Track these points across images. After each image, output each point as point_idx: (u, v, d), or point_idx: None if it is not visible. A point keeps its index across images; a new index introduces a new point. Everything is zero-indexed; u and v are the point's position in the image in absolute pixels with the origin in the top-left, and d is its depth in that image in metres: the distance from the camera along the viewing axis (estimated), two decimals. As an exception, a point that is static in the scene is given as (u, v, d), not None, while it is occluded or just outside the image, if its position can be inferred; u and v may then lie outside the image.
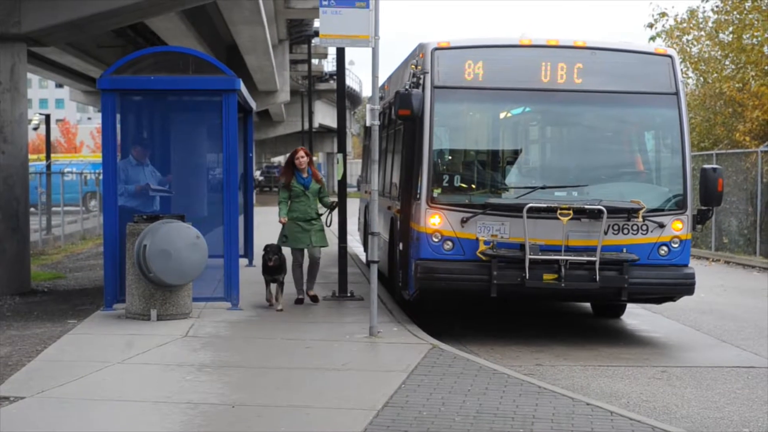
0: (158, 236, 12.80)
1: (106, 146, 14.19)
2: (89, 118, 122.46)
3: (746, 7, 31.66)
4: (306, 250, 14.75)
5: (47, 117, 38.76)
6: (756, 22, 30.71)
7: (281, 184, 14.82)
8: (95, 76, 30.75)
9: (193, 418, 8.25)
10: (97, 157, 40.83)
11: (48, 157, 36.98)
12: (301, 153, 14.69)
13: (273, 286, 14.53)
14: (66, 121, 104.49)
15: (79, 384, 9.56)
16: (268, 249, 14.24)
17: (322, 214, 15.01)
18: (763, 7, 30.95)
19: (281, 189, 14.75)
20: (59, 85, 78.78)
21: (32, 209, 22.15)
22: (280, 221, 14.59)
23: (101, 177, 16.59)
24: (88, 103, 53.13)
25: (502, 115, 14.36)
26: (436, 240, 12.92)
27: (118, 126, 14.53)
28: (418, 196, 13.25)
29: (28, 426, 8.07)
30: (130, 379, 9.85)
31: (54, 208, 31.29)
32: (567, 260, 12.56)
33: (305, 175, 14.61)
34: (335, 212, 15.64)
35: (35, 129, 42.57)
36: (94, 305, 14.87)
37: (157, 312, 13.02)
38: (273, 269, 14.27)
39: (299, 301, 14.79)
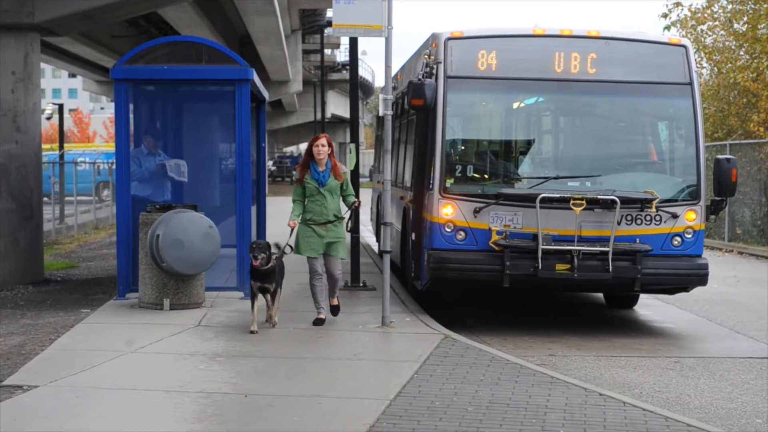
0: (171, 226, 12.81)
1: (119, 136, 14.22)
2: (102, 108, 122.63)
3: (761, -4, 31.51)
4: (326, 263, 12.27)
5: (60, 107, 38.79)
6: (771, 12, 30.57)
7: (294, 178, 12.86)
8: (108, 66, 30.78)
9: (205, 407, 8.27)
10: (110, 147, 40.94)
11: (61, 147, 37.00)
12: (322, 141, 12.21)
13: (264, 299, 12.07)
14: (79, 111, 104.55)
15: (92, 373, 9.59)
16: (254, 246, 11.77)
17: (339, 217, 12.34)
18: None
19: (295, 185, 12.45)
20: (72, 75, 78.94)
21: (45, 199, 22.23)
22: (288, 225, 12.25)
23: (114, 167, 16.60)
24: (101, 93, 53.20)
25: (515, 105, 14.32)
26: (448, 230, 12.91)
27: (131, 116, 14.56)
28: (430, 186, 13.23)
29: (41, 414, 8.09)
30: (142, 368, 9.87)
31: (67, 198, 31.37)
32: (580, 250, 12.54)
33: (322, 168, 12.13)
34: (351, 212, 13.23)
35: (48, 119, 42.63)
36: (107, 294, 14.91)
37: (170, 301, 13.04)
38: (261, 273, 11.67)
39: (319, 322, 12.19)
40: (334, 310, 12.54)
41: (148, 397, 8.67)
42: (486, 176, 13.67)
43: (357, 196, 16.29)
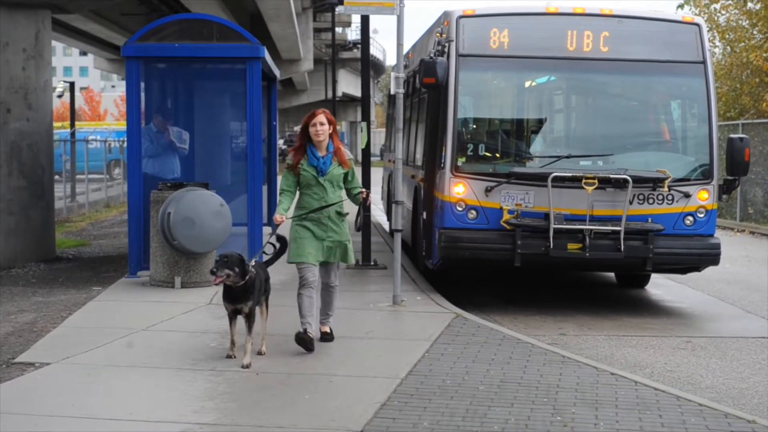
0: (182, 204, 12.80)
1: (130, 114, 14.22)
2: (113, 86, 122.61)
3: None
4: (321, 271, 9.86)
5: (71, 84, 38.82)
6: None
7: (286, 164, 9.77)
8: (119, 44, 30.73)
9: (216, 385, 8.27)
10: (122, 125, 40.92)
11: (72, 125, 37.07)
12: (320, 117, 9.58)
13: (245, 321, 9.23)
14: (90, 89, 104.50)
15: (103, 350, 9.60)
16: (221, 260, 8.94)
17: (347, 213, 9.97)
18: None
19: (285, 172, 9.75)
20: (83, 53, 78.79)
21: (57, 177, 22.26)
22: (274, 220, 9.57)
23: (125, 145, 16.61)
24: (112, 71, 53.10)
25: (527, 84, 14.27)
26: (460, 209, 12.88)
27: (142, 94, 14.55)
28: (442, 164, 13.19)
29: (53, 391, 8.11)
30: (154, 345, 9.87)
31: (78, 176, 31.41)
32: (592, 230, 12.50)
33: (322, 152, 9.63)
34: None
35: (59, 96, 42.65)
36: (118, 272, 14.93)
37: (181, 279, 13.05)
38: (233, 293, 9.06)
39: (302, 340, 9.46)
40: (325, 336, 9.98)
41: (160, 374, 8.68)
42: (498, 155, 13.64)
43: (367, 180, 16.31)
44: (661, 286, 15.64)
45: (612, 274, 16.09)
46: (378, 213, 24.49)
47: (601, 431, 7.26)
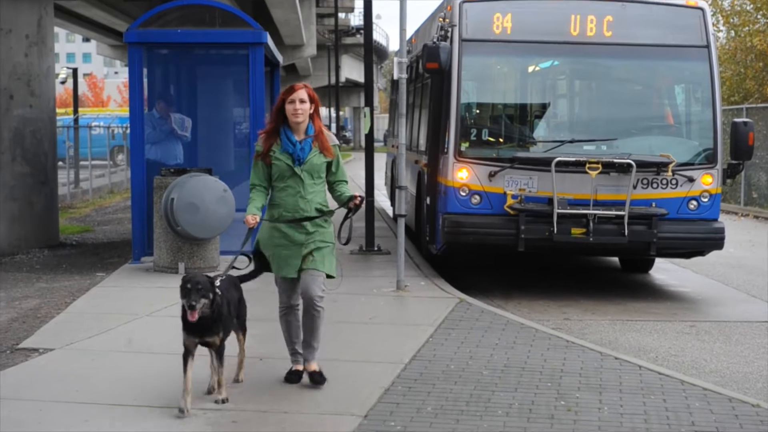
0: (186, 189, 12.80)
1: (133, 100, 14.22)
2: (116, 73, 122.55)
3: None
4: (303, 285, 7.86)
5: (74, 71, 38.78)
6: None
7: (255, 152, 7.98)
8: (122, 30, 30.71)
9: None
10: (124, 111, 40.94)
11: (75, 111, 37.03)
12: (301, 93, 7.76)
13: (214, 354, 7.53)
14: (93, 76, 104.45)
15: (107, 336, 9.61)
16: (194, 288, 7.12)
17: (327, 212, 7.87)
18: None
19: (254, 162, 7.98)
20: (86, 40, 78.68)
21: (60, 163, 22.26)
22: (246, 222, 7.77)
23: (128, 131, 16.61)
24: (115, 57, 53.04)
25: (530, 69, 14.25)
26: (463, 194, 12.86)
27: (145, 80, 14.53)
28: (445, 149, 13.18)
29: (57, 377, 8.11)
30: (158, 331, 9.88)
31: (82, 162, 31.40)
32: (595, 214, 12.49)
33: (299, 136, 7.78)
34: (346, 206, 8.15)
35: (62, 83, 42.61)
36: (122, 258, 14.93)
37: (185, 265, 13.05)
38: (202, 323, 7.21)
39: (293, 377, 8.00)
40: (315, 377, 7.92)
41: (164, 360, 8.68)
42: (501, 140, 13.62)
43: (370, 165, 16.22)
44: (665, 271, 15.63)
45: (616, 259, 16.09)
46: (381, 198, 24.48)
47: (606, 416, 7.25)
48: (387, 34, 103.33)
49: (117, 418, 7.03)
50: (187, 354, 7.26)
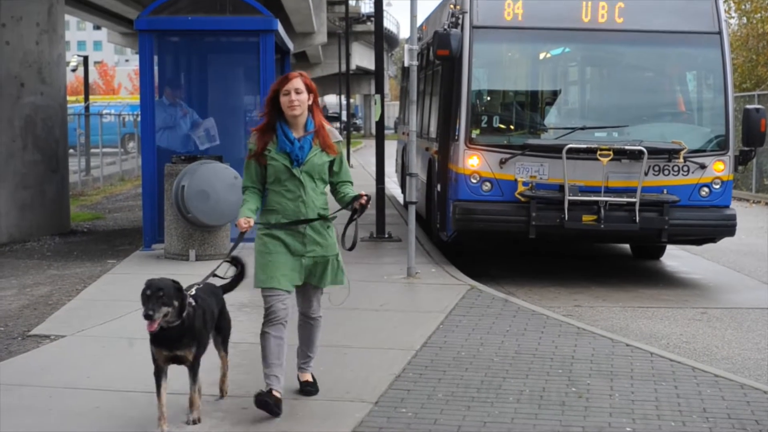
0: (196, 177, 12.80)
1: (143, 87, 14.24)
2: (127, 61, 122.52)
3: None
4: (298, 297, 7.22)
5: (85, 59, 38.84)
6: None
7: (248, 151, 7.05)
8: (132, 17, 30.71)
9: (232, 357, 8.24)
10: (135, 99, 40.97)
11: (86, 99, 37.09)
12: (297, 83, 6.82)
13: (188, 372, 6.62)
14: (104, 63, 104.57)
15: (119, 323, 9.62)
16: (154, 295, 6.33)
17: (328, 216, 6.99)
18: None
19: (247, 162, 7.00)
20: (97, 27, 78.71)
21: (71, 151, 22.29)
22: (238, 226, 6.81)
23: (139, 118, 16.63)
24: (126, 45, 53.06)
25: (541, 55, 14.20)
26: (474, 181, 12.84)
27: (156, 67, 14.54)
28: (456, 137, 13.15)
29: (68, 363, 8.14)
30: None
31: (93, 150, 31.44)
32: (606, 201, 12.46)
33: (298, 132, 6.90)
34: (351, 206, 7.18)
35: (73, 71, 42.70)
36: (133, 245, 14.96)
37: (196, 252, 13.07)
38: (167, 335, 6.39)
39: (264, 403, 6.74)
40: (307, 387, 7.36)
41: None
42: (512, 127, 13.59)
43: (381, 153, 16.20)
44: (676, 258, 15.60)
45: (627, 246, 16.06)
46: (392, 185, 24.47)
47: (617, 402, 7.24)
48: (397, 21, 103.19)
49: (129, 406, 7.03)
50: (159, 372, 6.46)
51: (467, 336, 9.23)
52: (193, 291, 6.64)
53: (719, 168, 12.89)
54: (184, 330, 6.40)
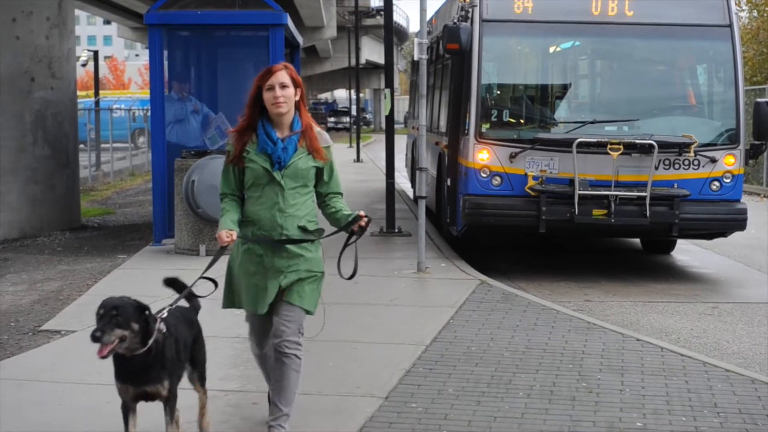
0: (206, 171, 12.81)
1: (153, 82, 14.25)
2: (137, 55, 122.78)
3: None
4: (277, 317, 6.03)
5: (95, 53, 38.92)
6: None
7: (226, 154, 6.20)
8: (142, 11, 30.74)
9: (241, 352, 8.28)
10: (146, 94, 41.00)
11: (96, 94, 37.16)
12: (282, 76, 5.97)
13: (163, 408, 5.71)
14: (114, 58, 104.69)
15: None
16: (107, 314, 5.49)
17: (314, 231, 6.04)
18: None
19: (225, 167, 6.19)
20: (107, 22, 78.87)
21: (81, 146, 22.31)
22: (219, 240, 5.88)
23: (149, 113, 16.65)
24: (136, 40, 53.20)
25: (551, 49, 14.17)
26: (484, 175, 12.82)
27: (165, 62, 14.54)
28: (466, 131, 13.13)
29: (79, 358, 8.14)
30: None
31: (103, 145, 31.50)
32: (617, 195, 12.43)
33: (282, 132, 5.98)
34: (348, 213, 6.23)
35: (84, 65, 42.76)
36: (143, 241, 14.98)
37: (206, 247, 13.08)
38: (131, 366, 5.53)
39: None
40: None
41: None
42: (522, 121, 13.56)
43: (391, 147, 16.22)
44: (686, 252, 15.57)
45: (637, 240, 16.03)
46: (402, 180, 24.46)
47: (627, 397, 7.23)
48: (407, 15, 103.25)
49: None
50: (126, 410, 5.60)
51: (477, 331, 9.22)
52: (164, 314, 5.69)
53: (730, 162, 12.85)
54: (151, 360, 5.45)
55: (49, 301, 10.62)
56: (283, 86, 5.91)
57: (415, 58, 13.34)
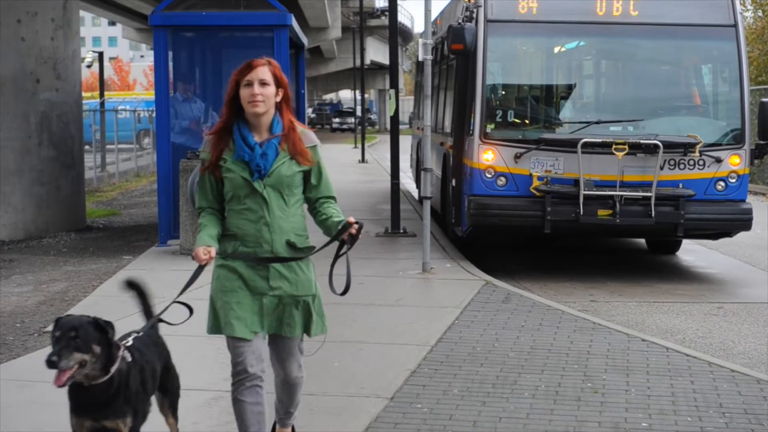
0: (211, 172, 12.79)
1: (158, 83, 14.25)
2: (142, 56, 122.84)
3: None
4: (272, 356, 5.62)
5: (100, 54, 38.94)
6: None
7: (201, 163, 5.43)
8: (147, 13, 30.80)
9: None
10: (150, 95, 41.04)
11: (101, 95, 37.20)
12: (262, 72, 5.20)
13: None
14: (119, 59, 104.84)
15: (135, 319, 9.59)
16: (64, 336, 4.74)
17: (304, 249, 5.44)
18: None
19: (200, 178, 5.48)
20: (112, 23, 79.05)
21: (87, 147, 22.36)
22: (196, 258, 5.50)
23: (154, 114, 16.67)
24: (141, 41, 53.24)
25: (556, 49, 14.17)
26: (489, 176, 12.82)
27: (170, 63, 14.55)
28: (471, 131, 13.13)
29: (84, 360, 8.15)
30: (184, 313, 9.88)
31: (108, 146, 31.53)
32: (622, 196, 12.42)
33: (260, 135, 5.31)
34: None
35: (89, 67, 42.80)
36: (148, 241, 14.99)
37: (211, 248, 13.06)
38: (89, 396, 4.84)
39: None
40: None
41: (190, 342, 8.69)
42: (527, 121, 13.56)
43: (396, 148, 16.23)
44: (692, 252, 15.55)
45: (642, 241, 16.02)
46: (407, 181, 24.46)
47: (633, 397, 7.23)
48: (412, 15, 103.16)
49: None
50: None
51: (482, 331, 9.22)
52: (129, 341, 5.19)
53: (735, 162, 12.84)
54: (113, 391, 4.82)
55: (54, 302, 10.63)
56: (263, 83, 5.20)
57: (420, 59, 13.32)
